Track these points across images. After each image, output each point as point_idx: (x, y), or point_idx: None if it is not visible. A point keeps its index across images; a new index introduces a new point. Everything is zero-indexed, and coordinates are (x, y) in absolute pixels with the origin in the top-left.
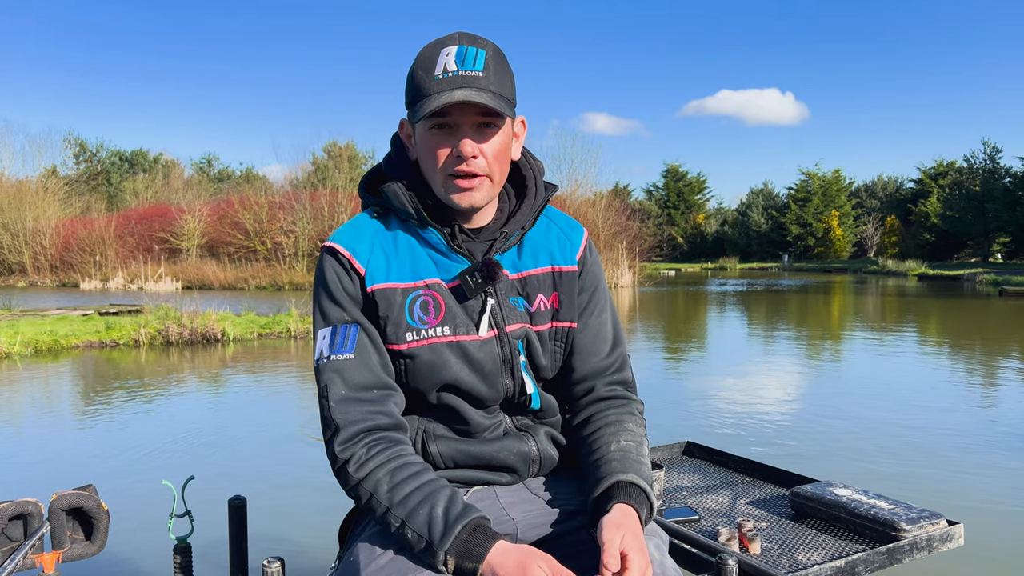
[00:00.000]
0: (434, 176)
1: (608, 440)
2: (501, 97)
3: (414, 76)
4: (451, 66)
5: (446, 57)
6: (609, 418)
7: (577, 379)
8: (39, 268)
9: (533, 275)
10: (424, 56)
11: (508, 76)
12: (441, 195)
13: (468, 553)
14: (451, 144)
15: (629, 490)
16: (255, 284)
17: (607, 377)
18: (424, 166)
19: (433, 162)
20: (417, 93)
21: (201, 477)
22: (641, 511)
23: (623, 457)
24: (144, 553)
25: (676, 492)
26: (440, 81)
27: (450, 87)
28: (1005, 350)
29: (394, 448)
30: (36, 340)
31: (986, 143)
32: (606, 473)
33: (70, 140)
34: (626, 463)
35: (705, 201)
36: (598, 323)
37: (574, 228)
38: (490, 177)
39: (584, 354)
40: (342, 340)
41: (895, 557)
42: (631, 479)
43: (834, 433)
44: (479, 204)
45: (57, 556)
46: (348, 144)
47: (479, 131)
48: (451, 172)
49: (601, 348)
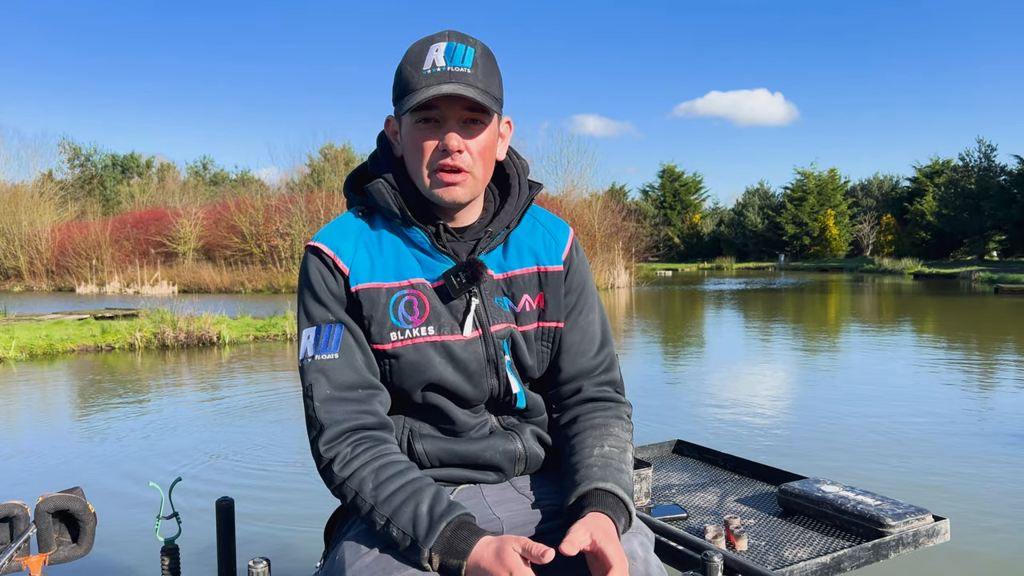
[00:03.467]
0: (419, 171)
1: (592, 443)
2: (488, 94)
3: (402, 71)
4: (440, 61)
5: (435, 53)
6: (595, 420)
7: (564, 379)
8: (35, 273)
9: (518, 275)
10: (413, 52)
11: (496, 75)
12: (425, 190)
13: (453, 550)
14: (437, 138)
15: (606, 499)
16: (251, 287)
17: (595, 377)
18: (409, 161)
19: (419, 156)
20: (405, 87)
21: (188, 479)
22: (618, 521)
23: (604, 464)
24: (131, 555)
25: (665, 490)
26: (428, 76)
27: (438, 81)
28: (1000, 348)
29: (379, 447)
30: (31, 344)
31: (981, 141)
32: (584, 479)
33: (64, 145)
34: (607, 470)
35: (701, 201)
36: (586, 323)
37: (560, 227)
38: (473, 174)
39: (572, 354)
40: (327, 340)
41: (881, 552)
42: (610, 488)
43: (823, 431)
44: (462, 200)
45: (43, 559)
46: (344, 146)
47: (465, 127)
48: (436, 167)
49: (589, 348)
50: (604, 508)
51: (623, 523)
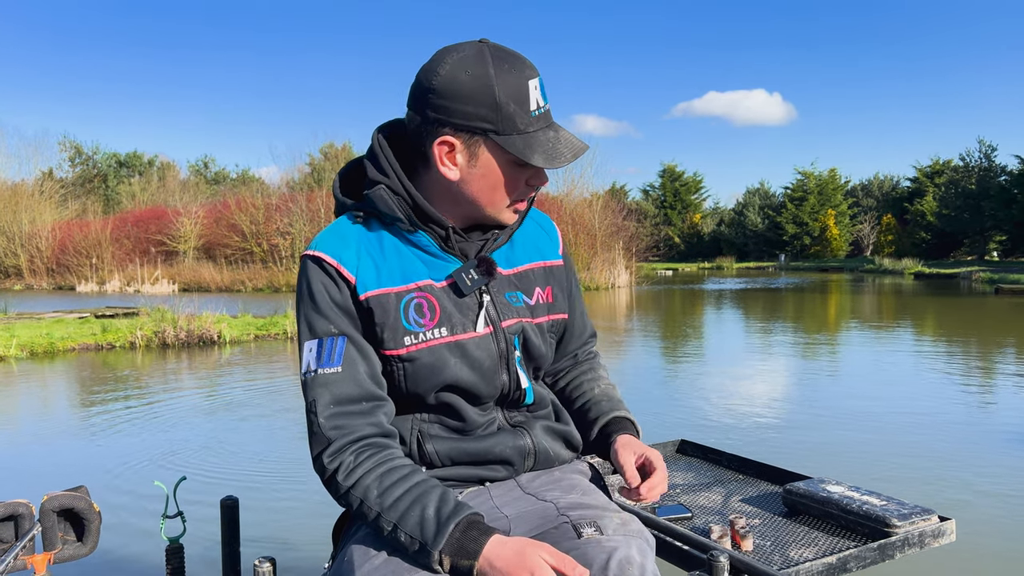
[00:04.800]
0: (496, 203)
1: (591, 387)
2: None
3: (499, 103)
4: (540, 101)
5: (534, 92)
6: (585, 369)
7: (561, 355)
8: (35, 271)
9: (528, 270)
10: (508, 83)
11: None
12: (488, 216)
13: (463, 551)
14: (525, 175)
15: (624, 423)
16: (252, 286)
17: (584, 346)
18: (485, 194)
19: (503, 192)
20: (511, 124)
21: (193, 478)
22: (639, 436)
23: (609, 398)
24: (136, 554)
25: (669, 490)
26: (537, 119)
27: (544, 125)
28: (1000, 348)
29: (382, 453)
30: (32, 343)
31: (981, 141)
32: (601, 412)
33: (65, 143)
34: (613, 402)
35: (702, 201)
36: (580, 309)
37: (548, 223)
38: None
39: (571, 336)
40: (328, 353)
41: (887, 553)
42: (623, 414)
43: (827, 430)
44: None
45: (48, 557)
46: (345, 145)
47: None
48: (517, 199)
49: (582, 332)
50: (626, 430)
51: (639, 436)
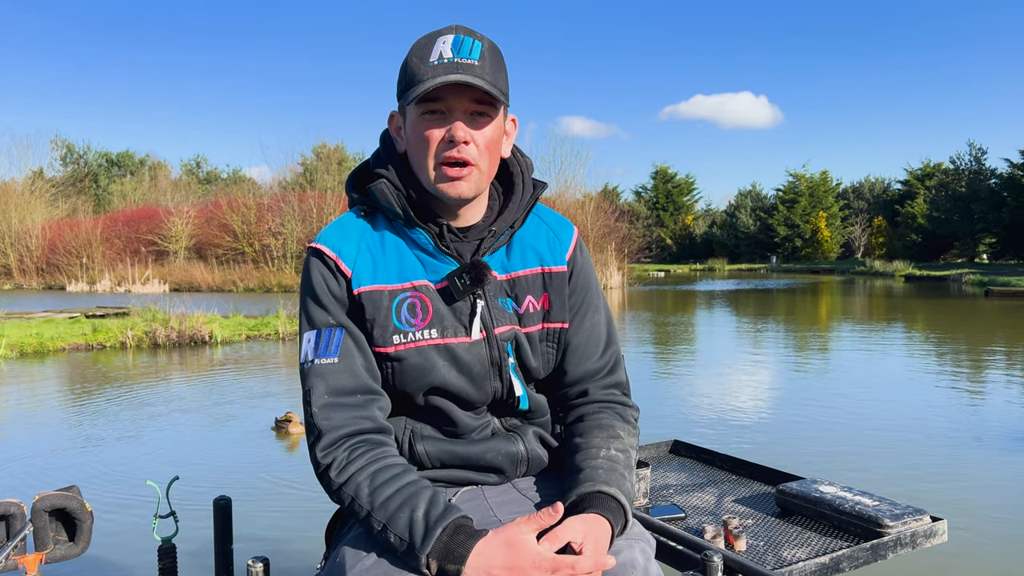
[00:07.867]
0: (424, 164)
1: (599, 445)
2: (495, 87)
3: (408, 63)
4: (447, 53)
5: (442, 45)
6: (603, 421)
7: (570, 381)
8: (25, 271)
9: (522, 276)
10: (419, 44)
11: (503, 70)
12: (429, 185)
13: (450, 555)
14: (443, 129)
15: (608, 503)
16: (243, 286)
17: (601, 380)
18: (413, 155)
19: (424, 149)
20: (411, 79)
21: (186, 478)
22: (616, 526)
23: (610, 467)
24: (128, 554)
25: (663, 490)
26: (435, 67)
27: (445, 72)
28: (990, 350)
29: (376, 451)
30: (22, 343)
31: (971, 144)
32: (588, 479)
33: (57, 142)
34: (612, 474)
35: (694, 203)
36: (591, 324)
37: (564, 227)
38: (479, 167)
39: (577, 356)
40: (326, 344)
41: (879, 553)
42: (612, 492)
43: (820, 431)
44: (468, 195)
45: (40, 557)
46: (337, 145)
47: (472, 119)
48: (442, 160)
49: (594, 350)
50: (604, 511)
51: (619, 528)
